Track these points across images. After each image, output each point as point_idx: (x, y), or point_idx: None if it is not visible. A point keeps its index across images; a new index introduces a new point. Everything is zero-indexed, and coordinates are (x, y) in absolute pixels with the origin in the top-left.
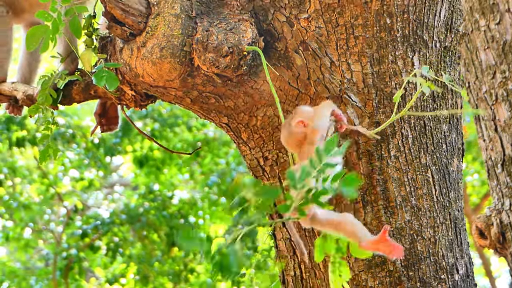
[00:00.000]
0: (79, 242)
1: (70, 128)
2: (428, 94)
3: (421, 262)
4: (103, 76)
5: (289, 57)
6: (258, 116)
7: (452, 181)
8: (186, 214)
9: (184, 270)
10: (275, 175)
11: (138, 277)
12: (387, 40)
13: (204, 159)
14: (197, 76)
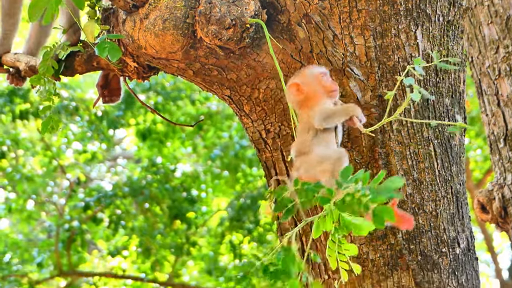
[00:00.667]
0: (82, 214)
1: (73, 101)
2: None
3: (422, 235)
4: (105, 47)
5: (292, 30)
6: (260, 89)
7: (454, 155)
8: (188, 187)
9: (186, 243)
10: (277, 147)
11: (140, 250)
12: (390, 14)
13: (207, 133)
14: (199, 48)
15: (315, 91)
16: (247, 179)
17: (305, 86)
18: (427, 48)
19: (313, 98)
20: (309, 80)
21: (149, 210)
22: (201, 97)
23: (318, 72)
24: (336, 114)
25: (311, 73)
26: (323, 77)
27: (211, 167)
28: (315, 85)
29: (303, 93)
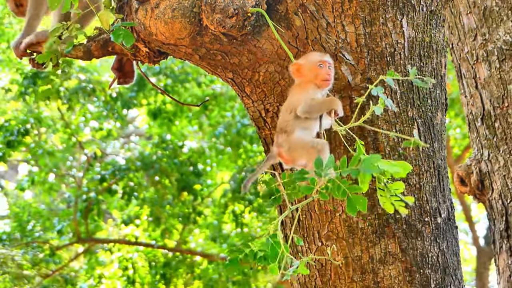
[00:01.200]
0: (98, 186)
1: (90, 83)
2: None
3: (407, 206)
4: (120, 34)
5: (289, 18)
6: (260, 72)
7: (436, 133)
8: (195, 162)
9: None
10: (275, 125)
11: (151, 219)
12: (378, 4)
13: (212, 112)
14: (205, 35)
15: (309, 76)
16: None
17: (304, 69)
18: (411, 35)
19: (306, 82)
20: (308, 65)
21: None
22: (207, 80)
23: (317, 60)
24: (317, 107)
25: (312, 59)
26: (321, 65)
27: (215, 144)
28: (311, 71)
29: (301, 75)
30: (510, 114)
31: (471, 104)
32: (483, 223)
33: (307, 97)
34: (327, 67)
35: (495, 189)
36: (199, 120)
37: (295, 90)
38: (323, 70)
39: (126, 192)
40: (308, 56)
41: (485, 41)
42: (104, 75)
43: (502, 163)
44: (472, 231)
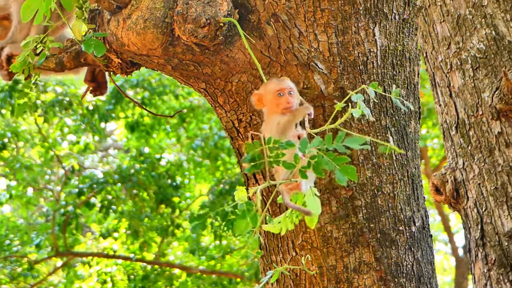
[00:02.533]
0: (76, 200)
1: (67, 96)
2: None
3: (381, 215)
4: (91, 44)
5: (261, 28)
6: (233, 82)
7: (410, 141)
8: (173, 174)
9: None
10: (248, 136)
11: (129, 232)
12: (350, 13)
13: (190, 125)
14: (177, 45)
15: (270, 106)
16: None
17: (264, 99)
18: (384, 44)
19: (269, 111)
20: (268, 95)
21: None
22: (184, 92)
23: (276, 89)
24: (288, 125)
25: (270, 89)
26: (280, 94)
27: (193, 156)
28: (271, 101)
29: (263, 104)
30: (484, 122)
31: (446, 112)
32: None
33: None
34: (287, 94)
35: (470, 198)
36: (177, 133)
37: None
38: (283, 99)
39: (104, 206)
40: (267, 85)
41: (459, 50)
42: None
43: (476, 172)
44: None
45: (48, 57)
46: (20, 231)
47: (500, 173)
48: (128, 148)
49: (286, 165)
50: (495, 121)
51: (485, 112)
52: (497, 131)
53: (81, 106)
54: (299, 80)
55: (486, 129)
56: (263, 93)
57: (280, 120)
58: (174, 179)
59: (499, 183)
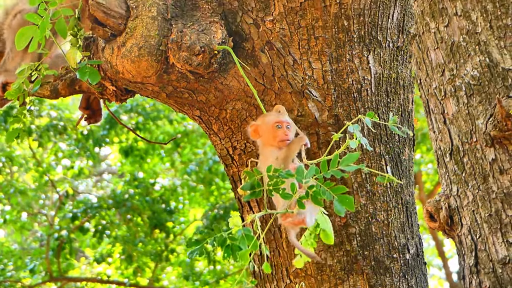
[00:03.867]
0: (70, 224)
1: (61, 120)
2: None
3: (375, 242)
4: (86, 72)
5: (255, 56)
6: (227, 109)
7: (404, 169)
8: (167, 199)
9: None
10: (243, 163)
11: (123, 257)
12: (344, 41)
13: (184, 150)
14: (172, 73)
15: (267, 137)
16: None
17: (261, 130)
18: (378, 71)
19: (265, 143)
20: (265, 126)
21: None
22: (178, 117)
23: (274, 121)
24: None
25: (268, 120)
26: (278, 126)
27: (187, 181)
28: (268, 132)
29: (258, 135)
30: (478, 149)
31: (440, 139)
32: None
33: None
34: (285, 127)
35: (464, 225)
36: (171, 157)
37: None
38: (281, 131)
39: (98, 230)
40: (265, 117)
41: (453, 77)
42: (75, 112)
43: (471, 199)
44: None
45: (43, 84)
46: (14, 256)
47: (494, 200)
48: (122, 172)
49: (284, 195)
50: (489, 148)
51: (479, 139)
52: (491, 158)
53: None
54: (293, 107)
55: (480, 156)
56: (260, 124)
57: (279, 155)
58: (168, 204)
59: (493, 210)
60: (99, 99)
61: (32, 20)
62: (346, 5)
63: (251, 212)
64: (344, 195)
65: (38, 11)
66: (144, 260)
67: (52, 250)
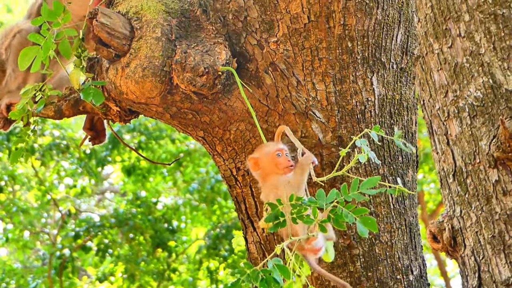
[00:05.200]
0: (72, 243)
1: (64, 139)
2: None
3: (379, 263)
4: (90, 93)
5: (259, 77)
6: (231, 130)
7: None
8: (169, 218)
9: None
10: (246, 184)
11: (125, 276)
12: (348, 62)
13: (186, 169)
14: (176, 93)
15: (270, 168)
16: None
17: (262, 162)
18: (382, 92)
19: (269, 174)
20: (266, 157)
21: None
22: (181, 136)
23: (274, 150)
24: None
25: (267, 151)
26: (279, 154)
27: (189, 200)
28: (270, 162)
29: (260, 168)
30: (481, 170)
31: (443, 160)
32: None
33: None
34: (285, 154)
35: (468, 246)
36: (173, 177)
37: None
38: (282, 159)
39: (100, 249)
40: (263, 148)
41: (456, 98)
42: (78, 131)
43: (474, 220)
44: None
45: (47, 105)
46: (17, 274)
47: (498, 221)
48: (125, 191)
49: (307, 220)
50: (493, 169)
51: (482, 160)
52: (495, 179)
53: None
54: (297, 128)
55: (483, 177)
56: (259, 156)
57: (291, 179)
58: (170, 223)
59: (497, 231)
60: (103, 120)
61: (34, 40)
62: (350, 26)
63: (255, 233)
64: (367, 217)
65: (41, 31)
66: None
67: (54, 269)
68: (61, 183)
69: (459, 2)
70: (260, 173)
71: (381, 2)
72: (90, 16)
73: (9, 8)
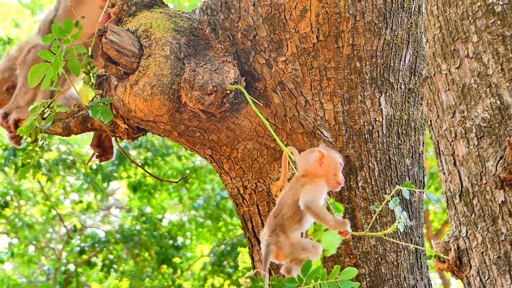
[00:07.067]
0: (77, 258)
1: (70, 155)
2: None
3: (385, 283)
4: (98, 110)
5: (267, 96)
6: (239, 149)
7: (414, 210)
8: (174, 235)
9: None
10: (253, 202)
11: None
12: (356, 82)
13: (192, 185)
14: (184, 112)
15: (327, 171)
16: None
17: (326, 161)
18: (390, 113)
19: (321, 176)
20: (332, 160)
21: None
22: (187, 153)
23: (339, 162)
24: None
25: (335, 157)
26: (340, 167)
27: (195, 217)
28: (333, 167)
29: (321, 165)
30: (488, 191)
31: (449, 181)
32: None
33: (317, 192)
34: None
35: (473, 266)
36: (179, 193)
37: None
38: (340, 173)
39: (105, 265)
40: (331, 151)
41: (464, 118)
42: (84, 147)
43: (480, 240)
44: None
45: (55, 121)
46: None
47: (503, 242)
48: (130, 207)
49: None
50: (499, 190)
51: (489, 181)
52: (501, 200)
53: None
54: (304, 148)
55: (489, 198)
56: (328, 155)
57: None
58: (175, 239)
59: (502, 252)
60: (111, 137)
61: (45, 57)
62: (359, 46)
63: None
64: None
65: (51, 48)
66: None
67: (59, 284)
68: (67, 198)
69: (467, 23)
70: (313, 170)
71: (390, 23)
72: (99, 34)
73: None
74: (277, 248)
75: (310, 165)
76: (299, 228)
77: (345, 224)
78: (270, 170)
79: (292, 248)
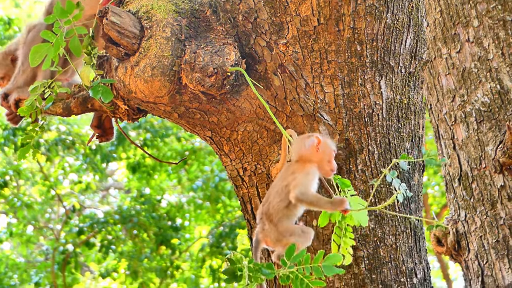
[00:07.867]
0: (76, 239)
1: (70, 135)
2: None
3: (383, 266)
4: (99, 90)
5: (268, 78)
6: (238, 131)
7: (413, 194)
8: (173, 216)
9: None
10: (253, 184)
11: (128, 272)
12: (357, 65)
13: (191, 167)
14: (184, 93)
15: (321, 159)
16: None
17: (322, 147)
18: (390, 96)
19: (315, 161)
20: (327, 147)
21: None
22: (186, 134)
23: (334, 148)
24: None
25: (330, 144)
26: (333, 155)
27: (194, 198)
28: (327, 154)
29: (317, 151)
30: (487, 175)
31: (449, 165)
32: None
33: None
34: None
35: (472, 250)
36: (178, 174)
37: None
38: (334, 161)
39: (104, 245)
40: (327, 139)
41: (463, 102)
42: (84, 127)
43: (478, 224)
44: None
45: (56, 102)
46: (20, 269)
47: (502, 226)
48: (129, 188)
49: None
50: (498, 175)
51: (488, 165)
52: (500, 185)
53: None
54: (304, 130)
55: (489, 182)
56: (323, 142)
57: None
58: (174, 220)
59: (501, 236)
60: (111, 118)
61: (46, 37)
62: (360, 30)
63: None
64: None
65: (53, 29)
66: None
67: (57, 264)
68: (66, 178)
69: (468, 7)
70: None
71: (391, 7)
72: (100, 15)
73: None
74: (263, 235)
75: (305, 150)
76: (288, 214)
77: (343, 202)
78: (270, 152)
79: (279, 235)
